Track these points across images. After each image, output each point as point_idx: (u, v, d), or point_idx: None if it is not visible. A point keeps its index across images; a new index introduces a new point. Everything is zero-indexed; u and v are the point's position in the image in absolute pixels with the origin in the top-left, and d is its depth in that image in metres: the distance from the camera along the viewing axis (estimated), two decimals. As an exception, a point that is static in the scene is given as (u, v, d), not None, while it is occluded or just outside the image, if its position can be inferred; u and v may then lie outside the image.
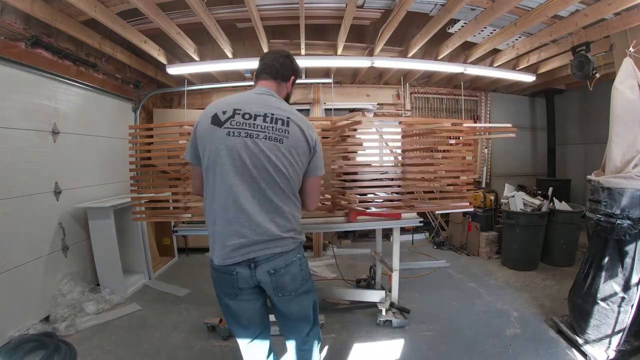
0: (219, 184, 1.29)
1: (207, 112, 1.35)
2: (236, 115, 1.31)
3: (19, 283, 2.50)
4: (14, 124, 2.56)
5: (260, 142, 1.28)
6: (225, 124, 1.29)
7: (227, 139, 1.28)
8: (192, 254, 4.55)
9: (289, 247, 1.35)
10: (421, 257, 4.35)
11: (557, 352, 2.26)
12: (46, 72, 2.86)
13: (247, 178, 1.28)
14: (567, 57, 3.68)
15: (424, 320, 2.69)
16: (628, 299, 2.03)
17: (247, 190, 1.28)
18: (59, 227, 2.93)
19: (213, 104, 1.39)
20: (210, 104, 1.40)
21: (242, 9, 3.04)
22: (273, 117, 1.32)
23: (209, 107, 1.38)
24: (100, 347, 2.41)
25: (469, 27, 3.32)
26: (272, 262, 1.31)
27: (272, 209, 1.31)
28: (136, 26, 3.20)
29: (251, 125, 1.30)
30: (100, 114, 3.63)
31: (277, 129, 1.31)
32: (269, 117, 1.32)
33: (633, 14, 2.74)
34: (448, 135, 2.69)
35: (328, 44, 3.99)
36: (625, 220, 2.00)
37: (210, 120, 1.31)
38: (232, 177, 1.27)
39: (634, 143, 2.08)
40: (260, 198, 1.29)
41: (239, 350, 1.51)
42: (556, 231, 3.77)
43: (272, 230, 1.30)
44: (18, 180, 2.57)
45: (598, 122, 4.83)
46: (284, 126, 1.33)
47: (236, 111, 1.31)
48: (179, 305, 3.09)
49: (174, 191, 2.51)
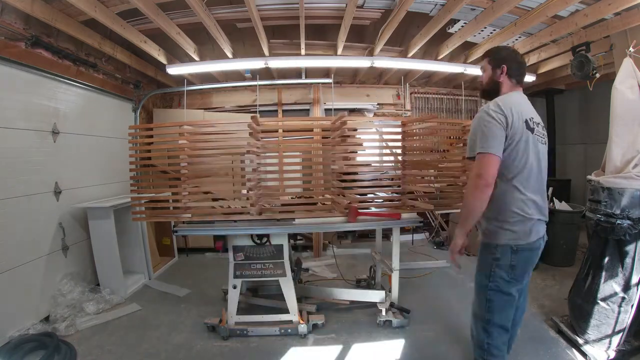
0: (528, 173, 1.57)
1: (516, 114, 1.52)
2: (533, 123, 1.59)
3: (19, 283, 2.50)
4: (14, 124, 2.56)
5: (544, 147, 1.63)
6: (535, 132, 1.58)
7: (537, 145, 1.58)
8: (192, 254, 4.55)
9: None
10: (421, 257, 4.35)
11: (557, 352, 2.25)
12: (46, 72, 2.86)
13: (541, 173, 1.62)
14: (567, 57, 3.68)
15: (424, 320, 2.69)
16: (628, 299, 2.03)
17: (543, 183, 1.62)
18: (59, 227, 2.93)
19: (512, 106, 1.53)
20: (507, 104, 1.54)
21: (242, 9, 3.04)
22: (541, 124, 1.65)
23: (513, 109, 1.53)
24: (100, 347, 2.41)
25: (469, 27, 3.32)
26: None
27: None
28: (136, 26, 3.20)
29: (541, 133, 1.62)
30: (100, 114, 3.63)
31: (544, 135, 1.66)
32: (541, 124, 1.65)
33: (633, 14, 2.74)
34: (448, 135, 2.70)
35: (328, 44, 3.99)
36: (625, 220, 2.00)
37: (525, 125, 1.54)
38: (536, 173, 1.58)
39: (634, 143, 2.08)
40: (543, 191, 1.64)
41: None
42: (556, 231, 3.77)
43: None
44: (18, 180, 2.57)
45: (598, 122, 4.83)
46: (545, 131, 1.68)
47: (534, 120, 1.59)
48: (179, 305, 3.09)
49: (174, 191, 2.52)
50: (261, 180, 2.61)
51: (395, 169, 2.66)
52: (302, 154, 3.04)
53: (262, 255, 2.49)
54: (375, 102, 5.23)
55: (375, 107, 5.22)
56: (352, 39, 3.70)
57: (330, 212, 2.53)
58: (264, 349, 2.36)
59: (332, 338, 2.49)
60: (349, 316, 2.80)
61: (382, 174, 2.67)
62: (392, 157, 2.72)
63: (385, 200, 2.68)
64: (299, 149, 2.97)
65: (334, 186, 2.57)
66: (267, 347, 2.39)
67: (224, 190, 2.71)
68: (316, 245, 4.49)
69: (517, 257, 1.58)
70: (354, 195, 2.52)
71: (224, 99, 5.04)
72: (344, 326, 2.64)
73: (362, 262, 4.02)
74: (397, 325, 2.59)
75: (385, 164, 2.81)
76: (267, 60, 3.71)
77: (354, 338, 2.48)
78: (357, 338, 2.48)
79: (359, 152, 2.76)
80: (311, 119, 4.54)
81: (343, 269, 3.58)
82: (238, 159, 2.57)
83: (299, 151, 3.00)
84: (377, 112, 5.21)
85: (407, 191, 2.63)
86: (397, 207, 2.57)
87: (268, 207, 2.54)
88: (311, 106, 5.00)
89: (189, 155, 2.47)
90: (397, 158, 2.68)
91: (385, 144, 2.73)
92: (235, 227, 2.43)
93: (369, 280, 3.21)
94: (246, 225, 2.42)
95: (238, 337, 2.48)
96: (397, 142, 2.65)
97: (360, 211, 2.43)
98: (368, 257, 3.78)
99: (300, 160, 3.12)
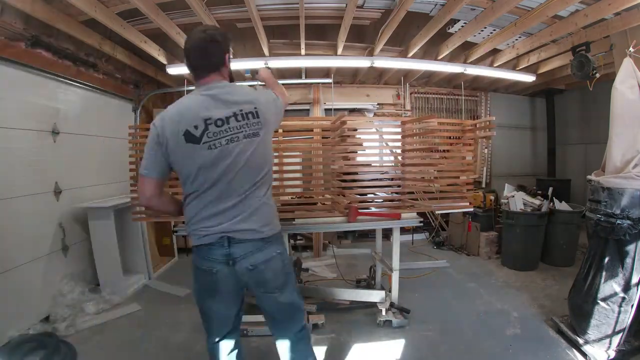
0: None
1: (173, 128, 1.28)
2: (209, 125, 1.29)
3: (19, 283, 2.50)
4: (14, 124, 2.56)
5: (241, 144, 1.32)
6: (203, 138, 1.29)
7: (210, 152, 1.29)
8: (192, 254, 4.54)
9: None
10: (421, 257, 4.35)
11: (557, 352, 2.25)
12: (46, 72, 2.86)
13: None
14: (567, 57, 3.68)
15: (424, 320, 2.69)
16: (628, 299, 2.03)
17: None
18: (59, 227, 2.93)
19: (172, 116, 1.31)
20: (166, 116, 1.32)
21: (242, 9, 3.04)
22: (242, 112, 1.34)
23: (170, 121, 1.29)
24: (100, 347, 2.41)
25: (469, 27, 3.32)
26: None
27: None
28: (136, 26, 3.20)
29: (227, 130, 1.31)
30: (100, 114, 3.63)
31: (252, 124, 1.35)
32: (239, 114, 1.33)
33: (633, 14, 2.74)
34: (448, 135, 2.69)
35: (328, 44, 3.99)
36: (625, 220, 2.00)
37: (185, 139, 1.28)
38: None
39: (634, 143, 2.08)
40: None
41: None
42: (556, 231, 3.77)
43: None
44: (18, 180, 2.57)
45: (598, 122, 4.83)
46: (256, 118, 1.36)
47: (207, 121, 1.30)
48: (179, 305, 3.09)
49: (174, 191, 2.52)
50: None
51: (395, 169, 2.66)
52: (302, 154, 3.05)
53: (262, 255, 2.49)
54: (375, 102, 5.23)
55: (375, 107, 5.22)
56: (352, 39, 3.70)
57: (330, 212, 2.53)
58: (264, 349, 2.36)
59: (332, 338, 2.49)
60: (349, 316, 2.80)
61: (382, 174, 2.67)
62: (392, 157, 2.72)
63: (385, 200, 2.68)
64: (299, 149, 2.97)
65: (334, 186, 2.57)
66: (267, 347, 2.38)
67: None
68: (316, 245, 4.49)
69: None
70: (354, 195, 2.52)
71: (224, 99, 5.03)
72: (344, 326, 2.64)
73: (362, 262, 4.02)
74: (397, 325, 2.59)
75: (385, 164, 2.81)
76: (267, 60, 3.71)
77: (354, 338, 2.48)
78: (357, 338, 2.48)
79: (359, 152, 2.75)
80: (311, 119, 4.54)
81: (343, 269, 3.58)
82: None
83: (299, 151, 3.00)
84: (377, 112, 5.21)
85: (407, 191, 2.63)
86: (397, 207, 2.57)
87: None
88: (311, 106, 5.00)
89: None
90: (397, 158, 2.68)
91: (385, 144, 2.73)
92: (235, 227, 2.42)
93: (369, 280, 3.21)
94: (246, 225, 2.41)
95: (238, 337, 2.48)
96: (397, 142, 2.65)
97: (360, 211, 2.43)
98: (368, 257, 3.78)
99: (300, 160, 3.12)
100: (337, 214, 2.48)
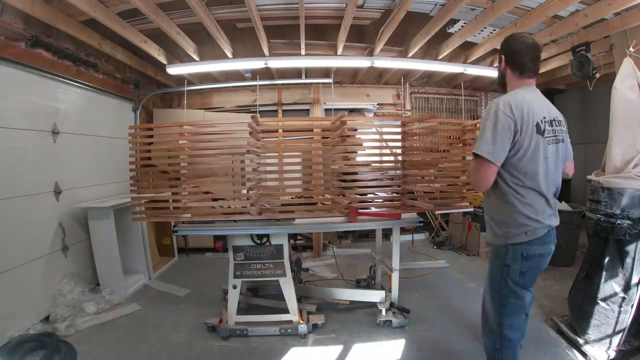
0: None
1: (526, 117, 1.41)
2: (545, 123, 1.46)
3: (19, 283, 2.50)
4: (14, 124, 2.55)
5: (554, 147, 1.49)
6: (546, 133, 1.46)
7: (547, 148, 1.46)
8: (192, 254, 4.54)
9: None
10: (421, 257, 4.35)
11: (557, 352, 2.25)
12: (46, 72, 2.86)
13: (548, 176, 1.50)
14: (567, 57, 3.68)
15: (424, 320, 2.69)
16: (628, 299, 2.03)
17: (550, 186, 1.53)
18: (59, 227, 2.93)
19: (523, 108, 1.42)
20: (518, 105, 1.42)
21: (242, 9, 3.04)
22: (556, 121, 1.52)
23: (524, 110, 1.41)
24: (100, 347, 2.41)
25: (469, 27, 3.32)
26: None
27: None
28: (136, 26, 3.20)
29: (552, 133, 1.48)
30: (100, 114, 3.63)
31: (562, 132, 1.54)
32: (556, 121, 1.52)
33: (633, 14, 2.74)
34: (448, 135, 2.69)
35: (328, 44, 3.99)
36: (625, 220, 2.00)
37: (535, 130, 1.43)
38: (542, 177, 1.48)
39: (634, 143, 2.08)
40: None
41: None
42: (556, 231, 3.76)
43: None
44: (18, 180, 2.56)
45: (598, 122, 4.83)
46: (562, 127, 1.55)
47: (545, 119, 1.47)
48: (179, 305, 3.09)
49: (174, 191, 2.52)
50: (261, 180, 2.61)
51: (395, 169, 2.66)
52: (302, 154, 3.05)
53: (262, 256, 2.49)
54: (375, 102, 5.23)
55: (375, 107, 5.22)
56: (352, 39, 3.70)
57: (330, 212, 2.53)
58: (264, 349, 2.36)
59: (332, 338, 2.49)
60: (349, 316, 2.80)
61: (382, 174, 2.67)
62: (392, 157, 2.72)
63: (385, 200, 2.68)
64: (299, 149, 2.97)
65: (334, 186, 2.57)
66: (267, 347, 2.39)
67: (224, 190, 2.71)
68: (316, 245, 4.49)
69: (528, 264, 1.53)
70: (354, 195, 2.52)
71: (224, 99, 5.04)
72: (344, 326, 2.64)
73: (362, 262, 4.02)
74: (397, 325, 2.59)
75: (385, 164, 2.81)
76: (267, 60, 3.71)
77: (354, 338, 2.48)
78: (357, 338, 2.48)
79: (359, 152, 2.75)
80: (311, 119, 4.54)
81: (343, 269, 3.58)
82: (238, 159, 2.57)
83: (299, 151, 3.00)
84: (377, 112, 5.21)
85: (407, 191, 2.63)
86: (397, 207, 2.57)
87: (268, 207, 2.54)
88: (311, 106, 5.00)
89: (189, 155, 2.47)
90: (397, 158, 2.68)
91: (385, 144, 2.73)
92: (235, 227, 2.43)
93: (369, 280, 3.21)
94: (246, 225, 2.42)
95: (238, 337, 2.48)
96: (397, 142, 2.65)
97: (360, 211, 2.43)
98: (368, 257, 3.78)
99: (300, 160, 3.12)
100: (337, 214, 2.48)
